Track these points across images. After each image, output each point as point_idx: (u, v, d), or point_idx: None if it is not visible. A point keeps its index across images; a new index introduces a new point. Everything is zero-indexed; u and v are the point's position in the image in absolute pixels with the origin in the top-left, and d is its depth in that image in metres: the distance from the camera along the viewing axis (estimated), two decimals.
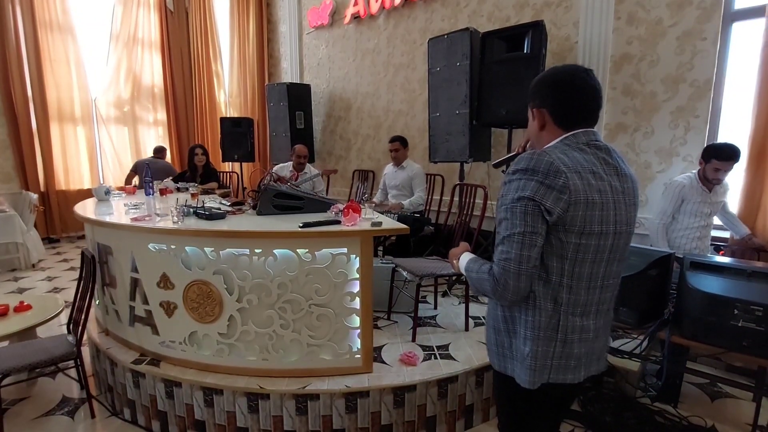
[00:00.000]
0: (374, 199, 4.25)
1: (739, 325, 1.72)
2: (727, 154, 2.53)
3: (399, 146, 4.06)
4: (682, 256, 2.06)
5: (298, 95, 5.84)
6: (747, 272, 1.83)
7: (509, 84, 3.33)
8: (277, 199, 2.44)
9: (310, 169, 4.46)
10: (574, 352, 1.11)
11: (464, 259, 1.27)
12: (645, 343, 2.06)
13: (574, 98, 1.10)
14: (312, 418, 2.01)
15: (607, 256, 1.09)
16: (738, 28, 2.95)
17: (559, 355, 1.10)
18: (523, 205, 1.02)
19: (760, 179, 2.77)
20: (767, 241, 2.73)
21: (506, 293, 1.06)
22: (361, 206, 2.24)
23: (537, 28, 3.19)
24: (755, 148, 2.77)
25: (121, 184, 6.06)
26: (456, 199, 3.90)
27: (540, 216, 1.02)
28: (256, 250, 2.02)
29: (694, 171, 2.74)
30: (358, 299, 2.09)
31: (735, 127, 3.00)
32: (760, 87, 2.72)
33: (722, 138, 3.06)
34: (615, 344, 2.36)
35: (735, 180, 2.85)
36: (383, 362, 2.24)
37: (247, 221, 2.29)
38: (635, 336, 2.13)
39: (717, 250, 2.44)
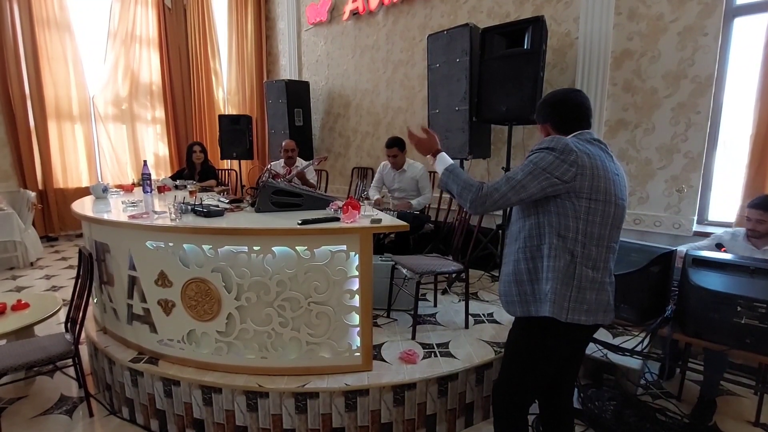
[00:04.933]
0: (372, 196, 4.12)
1: (742, 322, 1.71)
2: (758, 203, 2.27)
3: (397, 152, 3.86)
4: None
5: (297, 92, 5.81)
6: (750, 269, 1.82)
7: (509, 80, 3.31)
8: (276, 196, 2.43)
9: (301, 162, 4.43)
10: (587, 297, 1.38)
11: (446, 159, 1.61)
12: (646, 341, 2.04)
13: (568, 111, 1.49)
14: (311, 417, 2.00)
15: (611, 222, 1.39)
16: (740, 23, 2.93)
17: (575, 299, 1.37)
18: (532, 168, 1.36)
19: (761, 175, 2.75)
20: None
21: (477, 207, 1.44)
22: (361, 203, 2.22)
23: (537, 24, 3.17)
24: (757, 145, 2.75)
25: (119, 181, 6.04)
26: None
27: (539, 182, 1.34)
28: (255, 248, 2.00)
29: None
30: (357, 297, 2.07)
31: (736, 124, 2.99)
32: (762, 83, 2.70)
33: (722, 134, 3.04)
34: (616, 341, 2.35)
35: (736, 177, 2.85)
36: (383, 360, 2.23)
37: (246, 218, 2.28)
38: (636, 333, 2.12)
39: (719, 246, 2.41)
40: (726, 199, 3.09)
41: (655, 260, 2.00)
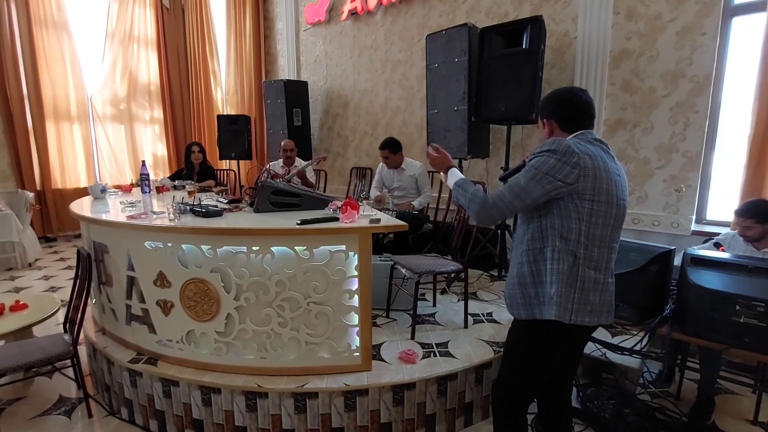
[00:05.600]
0: (372, 197, 4.11)
1: (741, 321, 1.71)
2: (740, 210, 2.34)
3: (388, 153, 3.80)
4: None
5: (296, 92, 5.81)
6: (748, 268, 1.82)
7: (508, 80, 3.31)
8: (275, 196, 2.42)
9: (300, 163, 4.43)
10: (590, 299, 1.38)
11: (456, 174, 1.63)
12: (645, 340, 2.05)
13: (574, 109, 1.47)
14: (311, 417, 2.00)
15: (613, 223, 1.39)
16: (738, 22, 2.94)
17: (578, 300, 1.37)
18: (534, 174, 1.35)
19: (760, 175, 2.76)
20: None
21: (483, 218, 1.46)
22: (360, 203, 2.22)
23: (536, 24, 3.17)
24: (756, 144, 2.75)
25: (118, 182, 6.03)
26: None
27: (543, 186, 1.34)
28: (254, 248, 2.00)
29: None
30: (356, 297, 2.07)
31: (735, 123, 2.99)
32: (760, 82, 2.70)
33: (721, 133, 3.05)
34: (615, 341, 2.35)
35: (735, 176, 2.85)
36: (382, 360, 2.23)
37: (245, 218, 2.28)
38: (635, 332, 2.12)
39: (717, 246, 2.42)
40: (724, 199, 3.10)
41: (653, 259, 2.00)
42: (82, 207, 2.78)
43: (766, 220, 2.24)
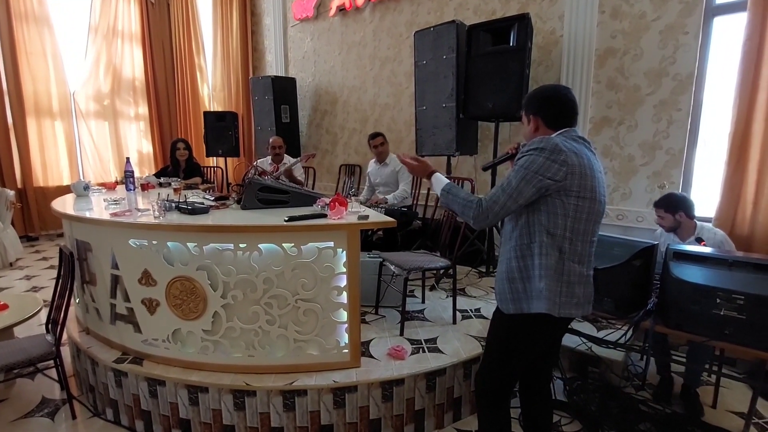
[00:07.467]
0: (360, 197, 4.15)
1: (721, 313, 1.75)
2: (654, 202, 2.53)
3: (383, 140, 4.00)
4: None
5: (284, 89, 5.77)
6: (728, 262, 1.86)
7: (496, 77, 3.33)
8: (262, 193, 2.41)
9: (289, 160, 4.41)
10: (576, 291, 1.43)
11: (441, 179, 1.61)
12: (629, 334, 2.08)
13: (560, 107, 1.49)
14: (300, 414, 1.99)
15: (595, 218, 1.44)
16: (719, 22, 2.99)
17: (566, 294, 1.42)
18: (524, 174, 1.38)
19: (740, 172, 2.81)
20: (748, 234, 2.77)
21: (481, 222, 1.46)
22: (348, 200, 2.22)
23: (523, 21, 3.19)
24: (736, 142, 2.80)
25: (102, 179, 5.92)
26: None
27: (533, 185, 1.36)
28: (241, 245, 1.98)
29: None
30: (345, 294, 2.07)
31: (716, 121, 3.05)
32: (740, 81, 2.75)
33: (703, 131, 3.10)
34: (599, 334, 2.39)
35: (716, 173, 2.91)
36: (371, 356, 2.23)
37: (231, 215, 2.25)
38: (620, 326, 2.15)
39: (698, 240, 2.47)
40: (706, 195, 3.15)
41: (637, 254, 2.03)
42: (64, 205, 2.73)
43: (673, 209, 2.41)
